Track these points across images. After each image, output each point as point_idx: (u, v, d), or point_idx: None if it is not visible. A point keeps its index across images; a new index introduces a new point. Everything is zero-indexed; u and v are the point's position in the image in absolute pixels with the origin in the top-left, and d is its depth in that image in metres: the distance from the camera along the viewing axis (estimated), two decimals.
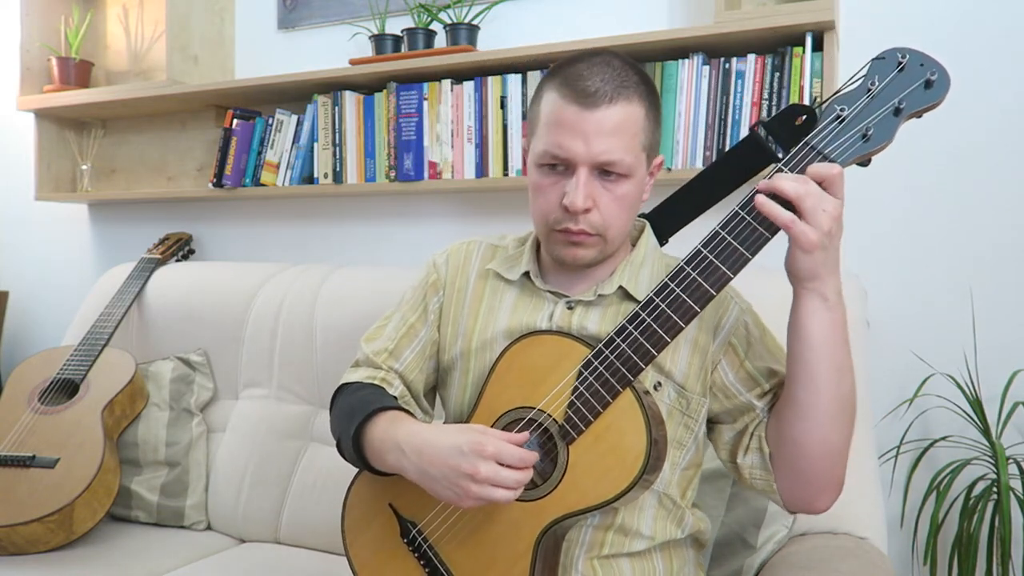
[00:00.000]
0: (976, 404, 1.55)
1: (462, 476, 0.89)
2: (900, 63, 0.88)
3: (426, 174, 1.95)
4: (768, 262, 1.05)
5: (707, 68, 1.70)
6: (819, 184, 0.85)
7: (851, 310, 1.44)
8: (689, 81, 1.70)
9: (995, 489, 1.50)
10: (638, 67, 1.02)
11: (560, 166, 0.99)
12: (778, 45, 1.65)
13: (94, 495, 1.61)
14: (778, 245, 0.90)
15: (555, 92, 0.99)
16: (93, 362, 1.84)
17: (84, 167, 2.54)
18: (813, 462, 0.97)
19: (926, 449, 1.62)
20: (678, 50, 1.72)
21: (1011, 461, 1.52)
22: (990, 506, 1.52)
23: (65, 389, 1.80)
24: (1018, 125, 1.60)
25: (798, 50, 1.61)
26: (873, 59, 0.90)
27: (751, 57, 1.66)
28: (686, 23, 1.84)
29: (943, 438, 1.61)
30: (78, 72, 2.44)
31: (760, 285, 1.18)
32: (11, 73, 2.54)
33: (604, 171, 0.98)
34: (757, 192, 0.87)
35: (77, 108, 2.41)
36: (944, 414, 1.64)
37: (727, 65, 1.68)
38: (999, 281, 1.62)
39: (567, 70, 0.99)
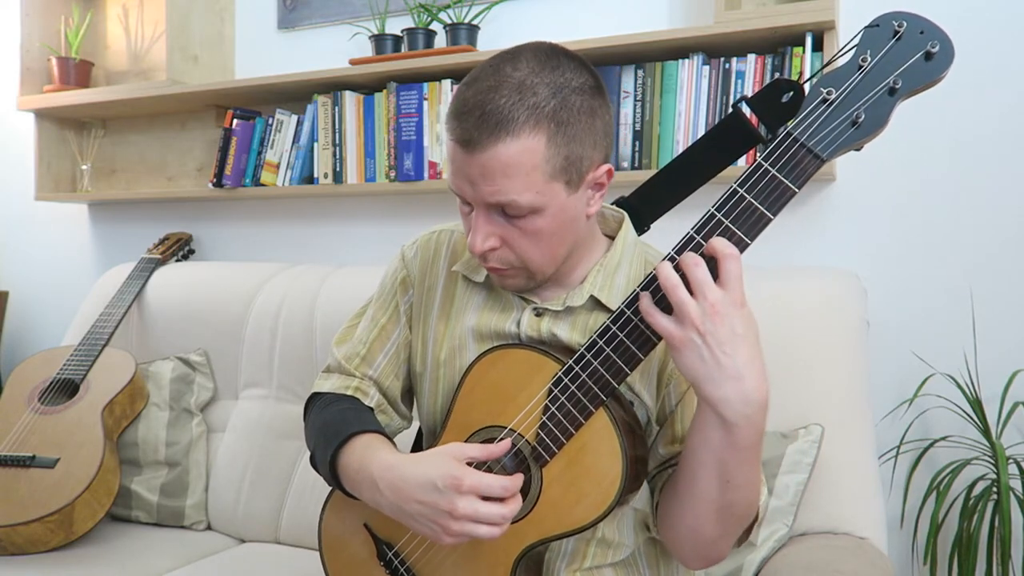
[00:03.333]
0: (976, 404, 1.55)
1: (440, 514, 0.84)
2: (896, 32, 0.78)
3: (426, 174, 1.95)
4: (754, 260, 1.04)
5: (707, 68, 1.70)
6: (710, 260, 0.78)
7: (851, 310, 1.45)
8: (689, 81, 1.70)
9: (995, 489, 1.50)
10: (551, 71, 0.85)
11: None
12: (778, 45, 1.65)
13: (94, 495, 1.61)
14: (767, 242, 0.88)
15: (448, 124, 0.87)
16: (93, 362, 1.84)
17: (84, 167, 2.54)
18: (681, 538, 0.91)
19: (926, 449, 1.62)
20: (678, 50, 1.72)
21: (1011, 461, 1.52)
22: (990, 506, 1.52)
23: (65, 389, 1.80)
24: (1019, 124, 1.60)
25: (798, 50, 1.61)
26: (866, 27, 0.80)
27: (751, 57, 1.66)
28: (686, 23, 1.84)
29: (943, 438, 1.61)
30: (78, 72, 2.44)
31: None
32: (11, 73, 2.54)
33: (505, 212, 0.87)
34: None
35: (77, 108, 2.41)
36: (944, 414, 1.64)
37: (727, 65, 1.68)
38: (999, 281, 1.62)
39: (459, 96, 0.87)
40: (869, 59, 0.78)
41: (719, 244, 0.78)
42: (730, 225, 0.80)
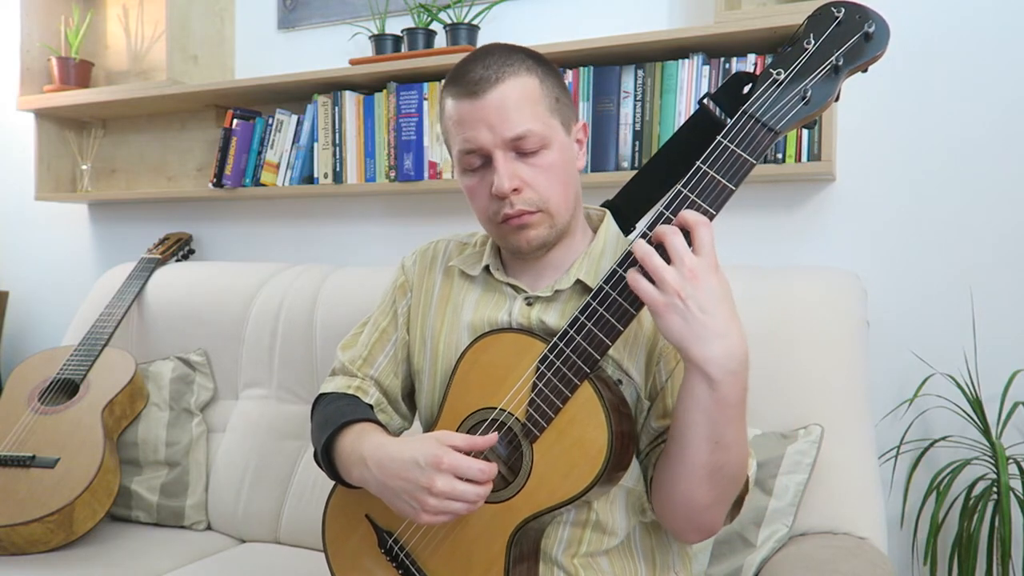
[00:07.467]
0: (976, 404, 1.55)
1: (419, 489, 0.89)
2: (836, 17, 0.86)
3: (426, 174, 1.95)
4: (754, 260, 1.04)
5: (707, 68, 1.70)
6: (684, 231, 0.83)
7: (851, 310, 1.45)
8: (689, 81, 1.70)
9: (995, 489, 1.50)
10: (526, 50, 1.02)
11: (479, 161, 1.00)
12: (778, 45, 1.65)
13: (94, 495, 1.61)
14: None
15: (450, 96, 1.00)
16: (93, 362, 1.84)
17: (84, 167, 2.54)
18: (675, 508, 0.95)
19: (926, 449, 1.62)
20: (678, 50, 1.72)
21: (1011, 461, 1.52)
22: (990, 506, 1.52)
23: (65, 389, 1.80)
24: (1018, 124, 1.60)
25: None
26: (808, 16, 0.88)
27: (751, 57, 1.66)
28: (686, 23, 1.84)
29: (943, 438, 1.61)
30: (78, 72, 2.44)
31: None
32: (11, 73, 2.54)
33: (520, 150, 0.98)
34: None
35: (77, 108, 2.41)
36: (944, 414, 1.64)
37: (727, 65, 1.68)
38: (999, 281, 1.62)
39: (454, 73, 1.01)
40: (812, 42, 0.86)
41: (689, 215, 0.84)
42: (696, 199, 0.86)
